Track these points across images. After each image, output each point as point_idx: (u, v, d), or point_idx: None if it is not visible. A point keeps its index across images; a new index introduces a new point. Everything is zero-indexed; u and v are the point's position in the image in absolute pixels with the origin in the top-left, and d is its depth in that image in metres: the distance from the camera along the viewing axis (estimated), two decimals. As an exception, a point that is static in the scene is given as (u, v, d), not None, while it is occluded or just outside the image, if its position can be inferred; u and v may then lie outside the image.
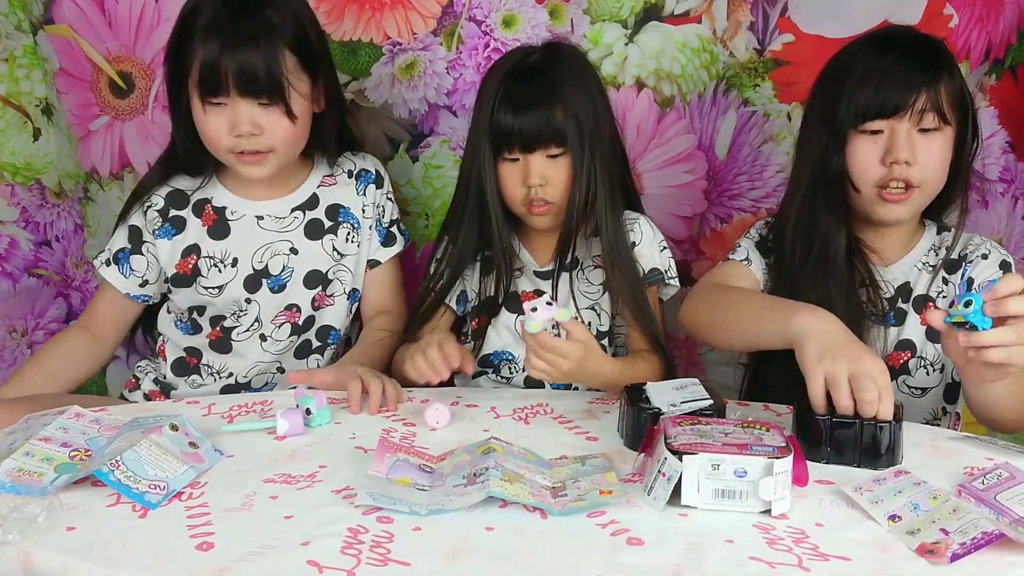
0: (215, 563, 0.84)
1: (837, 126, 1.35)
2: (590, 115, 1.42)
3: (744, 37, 1.70)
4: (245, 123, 1.41)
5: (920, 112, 1.32)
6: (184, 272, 1.53)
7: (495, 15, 1.69)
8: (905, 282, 1.44)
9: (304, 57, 1.44)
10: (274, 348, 1.56)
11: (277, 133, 1.44)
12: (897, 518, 0.92)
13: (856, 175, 1.36)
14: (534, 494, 0.95)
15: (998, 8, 1.70)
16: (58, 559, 0.86)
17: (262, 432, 1.16)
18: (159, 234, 1.53)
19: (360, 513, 0.93)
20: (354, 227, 1.58)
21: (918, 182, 1.34)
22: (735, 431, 1.00)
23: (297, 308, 1.55)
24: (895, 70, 1.32)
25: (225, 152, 1.45)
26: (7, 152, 1.82)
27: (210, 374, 1.57)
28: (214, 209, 1.54)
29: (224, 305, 1.54)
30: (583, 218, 1.45)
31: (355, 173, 1.60)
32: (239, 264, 1.53)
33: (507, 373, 1.55)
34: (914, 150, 1.32)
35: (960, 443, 1.15)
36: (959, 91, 1.36)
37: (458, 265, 1.50)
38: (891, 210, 1.36)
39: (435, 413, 1.18)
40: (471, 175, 1.47)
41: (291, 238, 1.55)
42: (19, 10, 1.76)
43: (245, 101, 1.40)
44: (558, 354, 1.22)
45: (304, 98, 1.45)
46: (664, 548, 0.87)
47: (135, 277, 1.54)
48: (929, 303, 1.42)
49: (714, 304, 1.38)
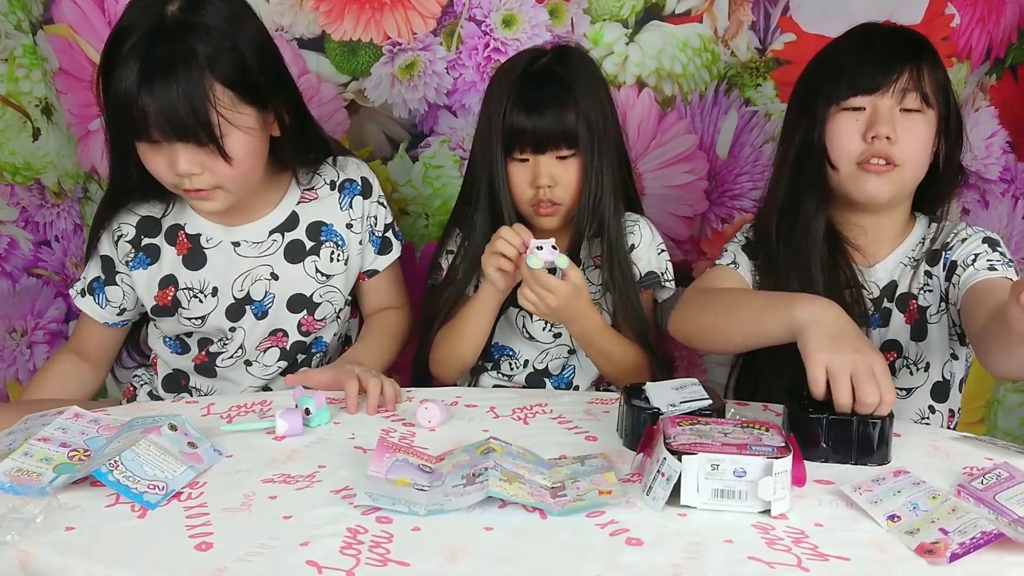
0: (214, 563, 0.84)
1: (819, 105, 1.35)
2: (599, 118, 1.45)
3: (745, 36, 1.70)
4: (182, 164, 1.29)
5: (903, 91, 1.31)
6: (164, 304, 1.46)
7: (495, 15, 1.69)
8: (891, 281, 1.42)
9: (242, 88, 1.30)
10: (262, 373, 1.51)
11: (221, 172, 1.31)
12: (896, 518, 0.92)
13: (836, 151, 1.34)
14: (533, 494, 0.95)
15: (999, 8, 1.70)
16: (57, 559, 0.86)
17: (261, 432, 1.16)
18: (133, 265, 1.46)
19: (359, 513, 0.93)
20: (339, 245, 1.50)
21: (899, 160, 1.32)
22: (734, 431, 1.00)
23: (284, 333, 1.50)
24: (878, 48, 1.34)
25: (173, 187, 1.35)
26: (7, 152, 1.82)
27: (199, 395, 1.53)
28: (188, 237, 1.45)
29: (211, 332, 1.49)
30: (590, 221, 1.46)
31: (338, 184, 1.51)
32: (219, 294, 1.46)
33: (507, 370, 1.57)
34: (895, 127, 1.31)
35: (960, 443, 1.15)
36: (943, 82, 1.36)
37: (473, 261, 1.49)
38: (871, 183, 1.34)
39: (426, 413, 1.18)
40: (481, 175, 1.48)
41: (271, 262, 1.47)
42: (19, 10, 1.76)
43: (177, 143, 1.28)
44: (548, 289, 1.34)
45: (249, 131, 1.32)
46: (663, 548, 0.87)
47: (112, 308, 1.49)
48: (912, 300, 1.40)
49: (708, 308, 1.36)
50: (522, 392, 1.44)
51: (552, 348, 1.56)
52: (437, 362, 1.53)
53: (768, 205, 1.45)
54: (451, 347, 1.50)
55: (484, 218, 1.49)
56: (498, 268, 1.38)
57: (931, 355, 1.41)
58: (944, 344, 1.42)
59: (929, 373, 1.42)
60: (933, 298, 1.41)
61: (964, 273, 1.35)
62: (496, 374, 1.57)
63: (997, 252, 1.36)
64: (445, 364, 1.52)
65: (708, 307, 1.37)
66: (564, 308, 1.37)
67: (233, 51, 1.29)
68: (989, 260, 1.34)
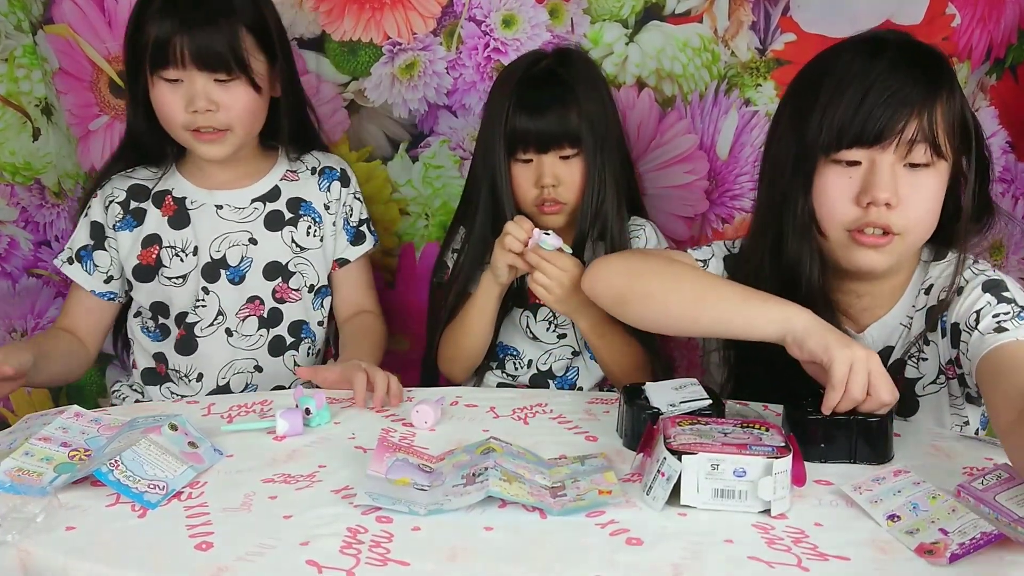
0: (214, 563, 0.84)
1: (805, 151, 1.12)
2: (602, 118, 1.47)
3: (746, 36, 1.70)
4: (201, 98, 1.40)
5: (909, 143, 1.08)
6: (147, 263, 1.51)
7: (495, 15, 1.69)
8: (886, 347, 1.23)
9: (262, 38, 1.45)
10: (244, 344, 1.54)
11: (235, 109, 1.43)
12: (896, 518, 0.92)
13: (824, 216, 1.13)
14: (533, 494, 0.95)
15: (999, 8, 1.70)
16: (58, 559, 0.86)
17: (261, 432, 1.16)
18: (120, 227, 1.52)
19: (359, 513, 0.93)
20: (316, 221, 1.56)
21: (900, 228, 1.11)
22: (734, 431, 1.00)
23: (260, 300, 1.54)
24: (883, 82, 1.08)
25: (181, 129, 1.44)
26: (7, 152, 1.81)
27: (180, 378, 1.55)
28: (174, 200, 1.53)
29: (187, 298, 1.52)
30: (594, 221, 1.47)
31: (318, 170, 1.59)
32: (199, 252, 1.52)
33: (512, 370, 1.58)
34: (897, 189, 1.09)
35: (960, 443, 1.14)
36: (959, 114, 1.12)
37: (475, 259, 1.52)
38: (866, 257, 1.13)
39: (419, 416, 1.18)
40: (484, 175, 1.50)
41: (250, 228, 1.53)
42: (19, 10, 1.76)
43: (201, 75, 1.39)
44: (562, 268, 1.35)
45: (260, 79, 1.45)
46: (663, 548, 0.87)
47: (99, 273, 1.53)
48: (900, 371, 1.21)
49: (672, 275, 1.18)
50: (522, 392, 1.44)
51: (556, 349, 1.56)
52: (446, 360, 1.55)
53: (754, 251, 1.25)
54: (458, 344, 1.51)
55: (485, 218, 1.50)
56: (510, 264, 1.39)
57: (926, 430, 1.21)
58: (940, 418, 1.23)
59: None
60: (928, 367, 1.20)
61: (971, 339, 1.10)
62: (501, 373, 1.59)
63: (1003, 302, 1.11)
64: (453, 361, 1.54)
65: (669, 274, 1.19)
66: (576, 291, 1.35)
67: (255, 7, 1.45)
68: (996, 317, 1.09)
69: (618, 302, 1.23)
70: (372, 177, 1.77)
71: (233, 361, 1.54)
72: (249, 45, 1.42)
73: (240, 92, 1.43)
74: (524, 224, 1.39)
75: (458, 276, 1.54)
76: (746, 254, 1.27)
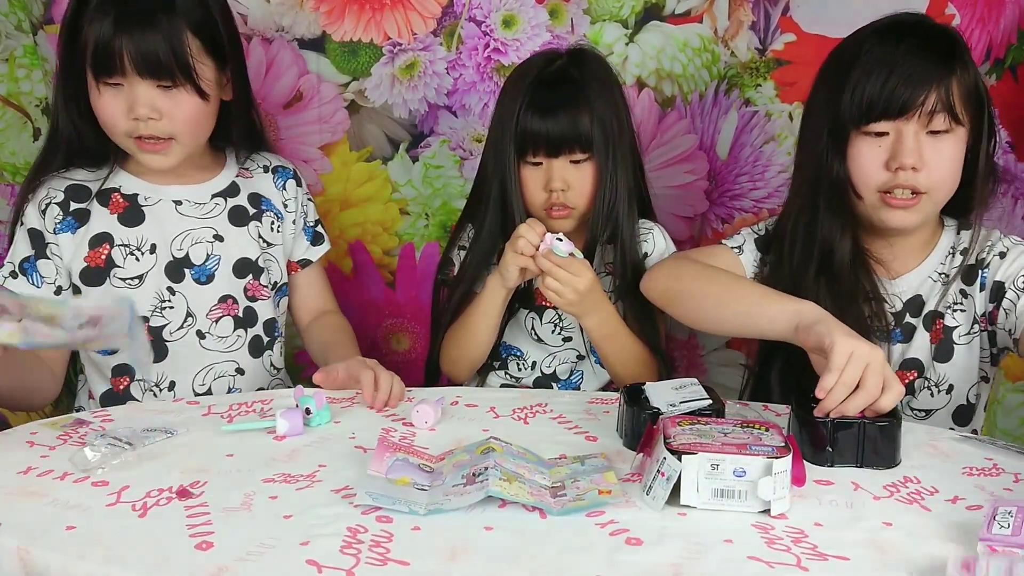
0: (214, 563, 0.84)
1: (839, 125, 1.28)
2: (614, 121, 1.44)
3: (745, 37, 1.70)
4: (142, 105, 1.34)
5: (930, 113, 1.23)
6: (96, 264, 1.41)
7: (495, 15, 1.69)
8: (916, 295, 1.36)
9: (209, 41, 1.38)
10: (221, 346, 1.47)
11: (179, 118, 1.37)
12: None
13: (858, 180, 1.28)
14: (533, 494, 0.95)
15: (999, 8, 1.70)
16: (58, 559, 0.86)
17: (262, 432, 1.16)
18: (59, 229, 1.41)
19: (359, 513, 0.93)
20: (278, 217, 1.53)
21: (926, 188, 1.26)
22: (734, 431, 1.00)
23: (233, 299, 1.47)
24: (903, 63, 1.24)
25: (124, 137, 1.37)
26: (7, 152, 1.81)
27: (148, 389, 1.45)
28: (124, 197, 1.44)
29: (147, 299, 1.42)
30: (605, 225, 1.46)
31: (271, 168, 1.55)
32: (158, 251, 1.43)
33: (515, 371, 1.57)
34: (922, 154, 1.24)
35: (960, 443, 1.15)
36: (973, 85, 1.27)
37: (483, 259, 1.51)
38: (897, 216, 1.28)
39: (419, 416, 1.18)
40: (493, 177, 1.48)
41: (214, 225, 1.47)
42: (19, 10, 1.76)
43: (143, 82, 1.33)
44: (574, 273, 1.35)
45: (207, 85, 1.38)
46: (663, 548, 0.87)
47: (48, 285, 1.41)
48: (939, 319, 1.34)
49: (703, 278, 1.32)
50: (523, 392, 1.44)
51: (560, 352, 1.56)
52: (449, 360, 1.54)
53: (788, 213, 1.38)
54: (461, 345, 1.51)
55: (494, 218, 1.49)
56: (521, 267, 1.39)
57: (955, 378, 1.35)
58: (972, 367, 1.35)
59: (952, 396, 1.35)
60: (964, 318, 1.34)
61: (1020, 301, 1.28)
62: (503, 374, 1.58)
63: None
64: (456, 362, 1.53)
65: (704, 277, 1.32)
66: (588, 295, 1.37)
67: (202, 7, 1.39)
68: None
69: (667, 301, 1.38)
70: (372, 177, 1.78)
71: (213, 365, 1.47)
72: (195, 50, 1.35)
73: (184, 99, 1.36)
74: (537, 228, 1.37)
75: (464, 275, 1.52)
76: (779, 232, 1.39)
